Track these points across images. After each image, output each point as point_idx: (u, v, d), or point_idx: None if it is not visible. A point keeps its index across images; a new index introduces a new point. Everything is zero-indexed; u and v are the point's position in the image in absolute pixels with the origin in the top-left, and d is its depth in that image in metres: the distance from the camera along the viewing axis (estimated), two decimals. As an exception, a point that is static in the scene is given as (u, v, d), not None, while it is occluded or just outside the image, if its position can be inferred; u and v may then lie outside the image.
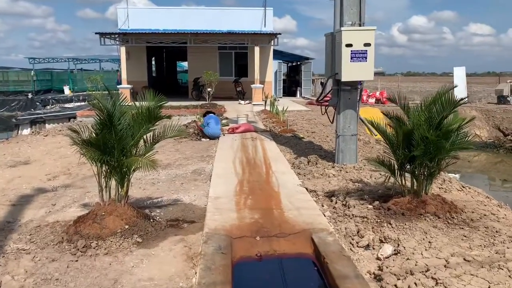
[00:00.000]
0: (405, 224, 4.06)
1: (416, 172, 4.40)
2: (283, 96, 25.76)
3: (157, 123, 4.71)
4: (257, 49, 19.14)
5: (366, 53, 6.31)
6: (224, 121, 13.42)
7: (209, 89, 18.81)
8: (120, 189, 4.38)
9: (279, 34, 18.79)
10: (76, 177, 6.99)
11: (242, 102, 19.61)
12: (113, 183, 4.43)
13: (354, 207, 4.67)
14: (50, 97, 33.10)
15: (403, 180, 4.51)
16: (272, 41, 19.79)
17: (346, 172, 6.38)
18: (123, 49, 18.99)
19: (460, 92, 24.27)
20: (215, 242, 3.82)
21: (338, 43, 6.44)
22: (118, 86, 19.48)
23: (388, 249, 3.68)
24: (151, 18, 21.42)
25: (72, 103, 28.56)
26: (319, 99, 7.47)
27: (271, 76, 23.07)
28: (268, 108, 16.72)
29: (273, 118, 13.72)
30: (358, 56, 6.30)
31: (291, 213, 4.60)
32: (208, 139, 10.31)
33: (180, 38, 19.17)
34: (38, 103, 32.23)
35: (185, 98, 21.64)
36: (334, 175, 6.20)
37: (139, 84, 21.89)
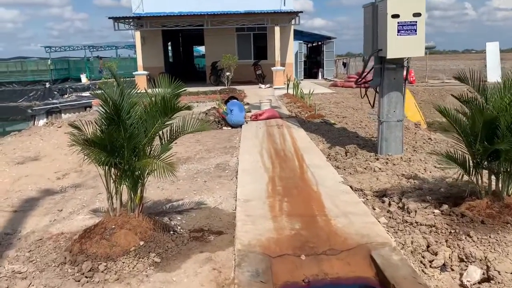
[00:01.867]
0: (490, 237, 3.21)
1: (498, 170, 3.52)
2: (304, 78, 24.72)
3: (175, 116, 3.91)
4: (277, 29, 18.12)
5: (416, 24, 5.36)
6: (246, 107, 12.60)
7: (228, 73, 17.97)
8: (133, 196, 3.63)
9: (301, 12, 17.71)
10: (88, 174, 6.31)
11: (263, 86, 18.72)
12: (124, 188, 3.70)
13: (416, 211, 3.83)
14: (67, 86, 32.78)
15: (481, 179, 3.63)
16: (293, 20, 18.71)
17: (394, 164, 5.51)
18: (137, 34, 18.23)
19: (493, 68, 22.85)
20: (251, 264, 3.05)
21: (382, 14, 5.50)
22: (134, 73, 18.79)
23: (475, 272, 2.84)
24: (165, 1, 20.56)
25: (89, 92, 28.15)
26: (359, 80, 6.53)
27: (292, 57, 22.04)
28: (290, 91, 15.81)
29: (297, 103, 12.82)
30: (406, 28, 5.36)
31: (339, 221, 3.79)
32: (230, 127, 9.52)
33: (196, 20, 18.29)
34: (55, 92, 31.92)
35: (203, 84, 20.86)
36: (380, 169, 5.34)
37: (155, 70, 21.20)
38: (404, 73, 6.01)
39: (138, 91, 4.05)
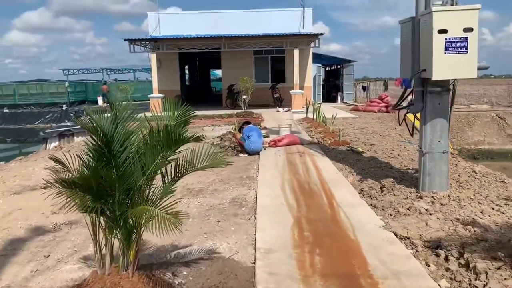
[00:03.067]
0: None
1: None
2: (322, 102, 24.00)
3: (182, 148, 3.19)
4: (296, 52, 17.53)
5: (467, 41, 4.59)
6: (263, 132, 11.88)
7: (244, 97, 17.37)
8: (126, 251, 2.87)
9: (321, 34, 17.13)
10: (87, 209, 5.59)
11: (281, 109, 18.05)
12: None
13: (487, 273, 2.97)
14: (83, 108, 32.77)
15: None
16: (312, 43, 18.13)
17: (442, 204, 4.65)
18: (153, 56, 17.86)
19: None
20: None
21: (426, 29, 4.75)
22: (149, 96, 18.35)
23: None
24: (183, 23, 20.32)
25: (105, 114, 27.97)
26: (398, 104, 5.74)
27: (310, 81, 21.41)
28: (310, 115, 15.08)
29: (318, 127, 12.04)
30: (456, 45, 4.59)
31: (389, 284, 2.95)
32: (247, 154, 8.78)
33: (213, 42, 17.88)
34: (72, 115, 31.95)
35: (219, 107, 20.31)
36: (427, 210, 4.48)
37: (171, 93, 20.78)
38: (450, 97, 5.21)
39: (151, 115, 3.36)
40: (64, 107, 33.44)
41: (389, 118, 16.53)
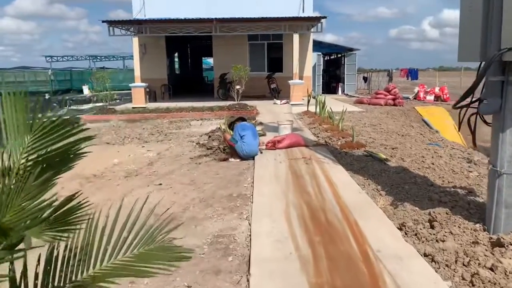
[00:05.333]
0: None
1: None
2: (321, 93, 22.25)
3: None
4: (296, 37, 15.71)
5: None
6: (258, 129, 10.13)
7: (238, 87, 15.58)
8: None
9: (324, 17, 15.31)
10: None
11: (278, 101, 16.28)
12: None
13: None
14: (67, 97, 30.83)
15: None
16: (314, 28, 16.31)
17: (545, 262, 2.95)
18: (135, 41, 15.95)
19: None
20: None
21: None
22: (130, 85, 16.50)
23: None
24: (171, 6, 18.35)
25: (90, 104, 26.14)
26: (459, 102, 3.99)
27: (310, 70, 19.64)
28: (311, 108, 13.35)
29: (323, 124, 10.32)
30: None
31: None
32: (239, 159, 7.04)
33: (203, 26, 15.99)
34: (55, 104, 29.96)
35: (210, 98, 18.52)
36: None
37: (157, 82, 18.99)
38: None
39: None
40: (47, 96, 31.45)
41: (399, 112, 14.85)
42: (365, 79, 27.66)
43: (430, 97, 19.64)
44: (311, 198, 4.64)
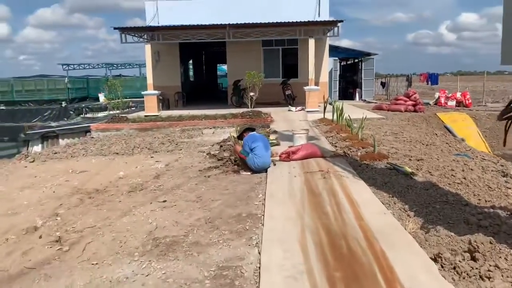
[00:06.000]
0: None
1: None
2: (338, 99, 21.62)
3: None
4: (311, 42, 15.19)
5: None
6: (272, 138, 9.64)
7: (251, 94, 15.12)
8: None
9: (341, 21, 14.76)
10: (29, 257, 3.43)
11: (293, 108, 15.77)
12: None
13: None
14: (84, 105, 30.95)
15: None
16: (331, 32, 15.76)
17: None
18: (148, 48, 15.65)
19: None
20: None
21: None
22: (142, 93, 16.21)
23: None
24: (184, 12, 18.10)
25: (106, 112, 26.09)
26: (506, 113, 3.41)
27: (326, 76, 19.08)
28: (327, 115, 12.80)
29: (341, 132, 9.76)
30: None
31: None
32: (250, 172, 6.54)
33: (216, 32, 15.60)
34: (71, 112, 30.08)
35: (224, 105, 18.13)
36: None
37: (170, 89, 18.72)
38: None
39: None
40: (64, 104, 31.61)
41: (420, 119, 14.20)
42: (383, 84, 26.93)
43: (452, 103, 18.87)
44: (329, 220, 4.11)
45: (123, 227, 4.42)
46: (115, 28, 14.92)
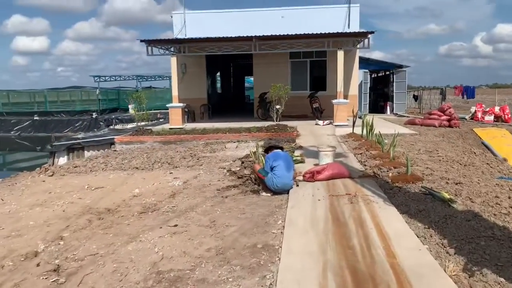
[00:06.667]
0: None
1: None
2: (368, 113, 20.89)
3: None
4: (340, 54, 14.67)
5: None
6: (296, 155, 9.14)
7: (277, 107, 14.70)
8: None
9: (371, 32, 14.19)
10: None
11: (320, 122, 15.22)
12: None
13: None
14: (113, 116, 31.35)
15: None
16: (361, 44, 15.20)
17: None
18: (173, 60, 15.52)
19: None
20: None
21: None
22: (167, 105, 16.07)
23: None
24: (211, 24, 17.98)
25: (134, 123, 26.34)
26: None
27: (356, 88, 18.44)
28: (357, 130, 12.19)
29: (371, 149, 9.17)
30: None
31: None
32: (270, 193, 6.08)
33: (242, 44, 15.32)
34: (101, 123, 30.51)
35: (250, 118, 17.80)
36: None
37: (196, 101, 18.56)
38: None
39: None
40: (94, 115, 32.12)
41: (455, 135, 13.36)
42: (415, 97, 25.97)
43: (490, 118, 17.81)
44: (356, 257, 3.59)
45: (126, 256, 4.03)
46: (141, 41, 14.87)
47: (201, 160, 9.73)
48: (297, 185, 6.31)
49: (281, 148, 6.54)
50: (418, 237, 4.04)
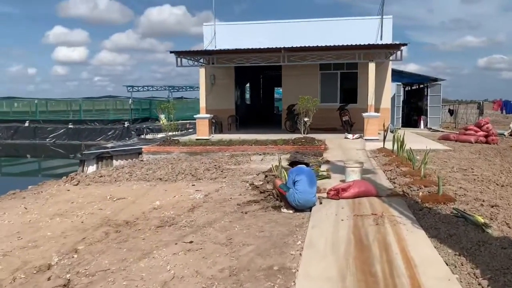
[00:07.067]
0: None
1: None
2: (401, 127, 20.27)
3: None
4: (371, 66, 14.33)
5: None
6: (322, 170, 8.87)
7: (306, 119, 14.44)
8: None
9: (404, 44, 13.78)
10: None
11: (350, 136, 14.84)
12: None
13: None
14: (144, 126, 31.87)
15: None
16: (394, 56, 14.79)
17: None
18: (202, 71, 15.59)
19: None
20: None
21: None
22: (195, 116, 16.12)
23: None
24: (240, 36, 18.00)
25: (164, 133, 26.67)
26: None
27: (388, 101, 17.94)
28: (388, 145, 11.77)
29: (401, 166, 8.79)
30: None
31: None
32: (292, 210, 5.84)
33: (271, 56, 15.22)
34: (133, 132, 31.06)
35: (278, 130, 17.61)
36: None
37: (224, 113, 18.54)
38: None
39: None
40: (126, 124, 32.75)
41: (493, 152, 12.67)
42: (451, 112, 25.12)
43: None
44: (378, 285, 3.31)
45: (137, 273, 3.90)
46: (171, 52, 15.02)
47: (225, 172, 9.60)
48: (321, 203, 6.06)
49: (307, 164, 6.29)
50: (447, 265, 3.72)
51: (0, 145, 30.67)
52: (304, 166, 6.24)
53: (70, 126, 32.50)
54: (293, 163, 6.39)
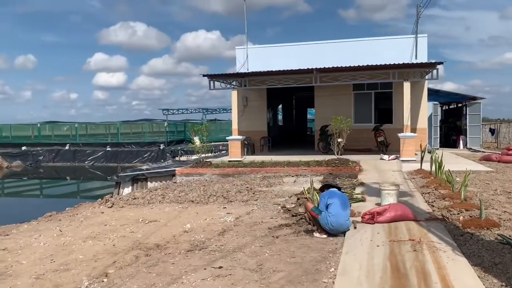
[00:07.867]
0: None
1: None
2: (439, 147, 19.59)
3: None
4: (407, 85, 14.02)
5: None
6: (357, 192, 8.61)
7: (339, 140, 14.20)
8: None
9: (440, 63, 13.42)
10: None
11: (385, 157, 14.44)
12: None
13: None
14: (179, 148, 32.37)
15: None
16: (429, 74, 14.43)
17: None
18: (234, 94, 15.74)
19: None
20: None
21: None
22: (227, 138, 16.21)
23: None
24: (272, 58, 18.18)
25: (197, 155, 26.97)
26: None
27: (425, 121, 17.43)
28: (425, 166, 11.33)
29: (440, 188, 8.40)
30: None
31: None
32: (325, 235, 5.65)
33: (303, 77, 15.19)
34: (168, 154, 31.60)
35: (311, 151, 17.43)
36: None
37: (256, 134, 18.57)
38: None
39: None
40: (162, 146, 33.36)
41: (539, 173, 11.95)
42: (492, 131, 24.09)
43: None
44: (416, 319, 3.08)
45: (164, 301, 3.82)
46: (204, 75, 15.29)
47: (257, 194, 9.50)
48: (355, 227, 5.83)
49: (338, 188, 6.10)
50: (494, 298, 3.44)
51: (42, 167, 31.92)
52: (337, 190, 6.05)
53: (108, 149, 33.43)
54: (324, 187, 6.22)
